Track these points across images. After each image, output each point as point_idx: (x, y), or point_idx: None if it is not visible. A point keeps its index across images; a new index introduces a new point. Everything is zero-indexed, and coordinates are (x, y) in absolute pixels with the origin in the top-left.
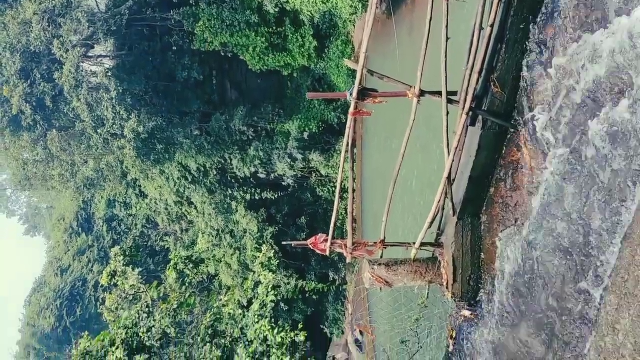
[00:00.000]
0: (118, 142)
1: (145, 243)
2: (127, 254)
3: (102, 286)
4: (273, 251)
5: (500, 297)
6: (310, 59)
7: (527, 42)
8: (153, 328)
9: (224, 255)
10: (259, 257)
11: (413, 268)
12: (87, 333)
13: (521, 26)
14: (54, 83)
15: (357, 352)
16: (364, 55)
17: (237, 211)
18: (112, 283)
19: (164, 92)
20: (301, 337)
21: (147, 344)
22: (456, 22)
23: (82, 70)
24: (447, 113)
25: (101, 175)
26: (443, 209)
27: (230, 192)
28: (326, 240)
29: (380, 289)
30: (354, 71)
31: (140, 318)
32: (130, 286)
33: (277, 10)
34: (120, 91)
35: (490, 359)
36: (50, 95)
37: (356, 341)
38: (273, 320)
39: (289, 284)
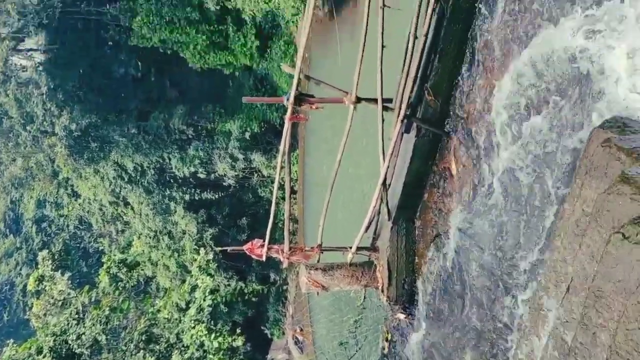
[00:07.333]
0: (49, 140)
1: (78, 245)
2: (56, 257)
3: (30, 291)
4: (212, 253)
5: (431, 301)
6: (253, 59)
7: (460, 53)
8: (83, 335)
9: (162, 256)
10: (197, 259)
11: (349, 272)
12: (12, 341)
13: (455, 37)
14: None
15: (298, 353)
16: (300, 62)
17: (175, 212)
18: (40, 288)
19: (99, 89)
20: (239, 342)
21: (77, 351)
22: (394, 30)
23: (11, 64)
24: (383, 120)
25: (30, 174)
26: (379, 213)
27: (169, 192)
28: (262, 246)
29: (317, 293)
30: None
31: (70, 325)
32: (59, 291)
33: (218, 8)
34: (52, 86)
35: None
36: None
37: (296, 342)
38: (212, 322)
39: (229, 285)
